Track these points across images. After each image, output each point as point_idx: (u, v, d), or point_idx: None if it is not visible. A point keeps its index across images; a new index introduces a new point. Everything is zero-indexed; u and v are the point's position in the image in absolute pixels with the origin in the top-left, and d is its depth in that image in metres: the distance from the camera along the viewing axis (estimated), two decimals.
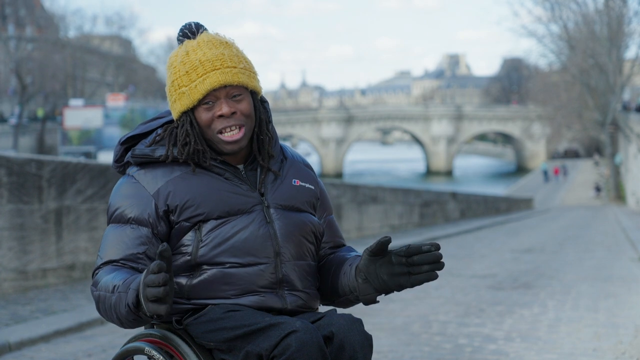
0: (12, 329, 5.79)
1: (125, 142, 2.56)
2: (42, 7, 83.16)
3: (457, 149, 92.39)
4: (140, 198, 2.43)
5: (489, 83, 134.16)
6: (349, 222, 16.86)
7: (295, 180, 2.57)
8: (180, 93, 2.44)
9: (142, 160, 2.48)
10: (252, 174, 2.52)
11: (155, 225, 2.42)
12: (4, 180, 7.23)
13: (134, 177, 2.47)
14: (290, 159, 2.62)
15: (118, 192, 2.48)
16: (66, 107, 67.48)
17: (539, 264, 11.91)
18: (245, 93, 2.46)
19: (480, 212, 30.09)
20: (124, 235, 2.41)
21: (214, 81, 2.41)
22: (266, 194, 2.50)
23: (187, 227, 2.42)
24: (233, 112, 2.43)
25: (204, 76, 2.41)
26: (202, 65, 2.42)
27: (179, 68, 2.45)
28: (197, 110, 2.44)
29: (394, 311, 7.29)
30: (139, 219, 2.42)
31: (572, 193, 55.64)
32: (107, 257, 2.40)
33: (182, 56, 2.45)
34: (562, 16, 53.13)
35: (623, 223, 24.13)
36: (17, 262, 7.41)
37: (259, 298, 2.41)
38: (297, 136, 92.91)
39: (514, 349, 5.65)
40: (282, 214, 2.49)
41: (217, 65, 2.42)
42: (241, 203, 2.45)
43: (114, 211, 2.46)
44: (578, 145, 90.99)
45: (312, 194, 2.60)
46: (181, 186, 2.44)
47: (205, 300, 2.41)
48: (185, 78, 2.43)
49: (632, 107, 51.85)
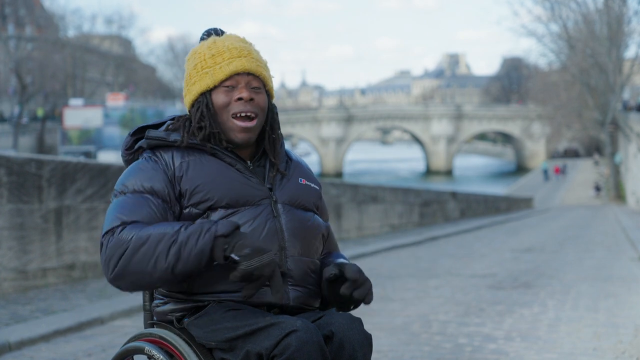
0: (12, 328, 5.79)
1: (135, 132, 2.59)
2: (41, 7, 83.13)
3: (457, 149, 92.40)
4: (158, 171, 2.44)
5: (489, 82, 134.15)
6: (349, 222, 16.86)
7: (302, 179, 2.62)
8: (203, 74, 2.49)
9: (156, 143, 2.51)
10: (259, 170, 2.55)
11: (173, 203, 2.42)
12: (3, 180, 7.23)
13: (151, 156, 2.48)
14: (295, 160, 2.67)
15: (135, 168, 2.46)
16: (66, 107, 67.47)
17: (539, 263, 11.91)
18: (263, 89, 2.53)
19: (480, 212, 30.10)
20: (148, 202, 2.38)
21: (240, 65, 2.47)
22: (274, 190, 2.53)
23: (195, 215, 2.42)
24: (251, 98, 2.48)
25: (230, 59, 2.48)
26: (229, 51, 2.49)
27: (204, 52, 2.51)
28: (215, 93, 2.49)
29: (393, 311, 7.29)
30: (161, 193, 2.41)
31: (572, 192, 55.65)
32: (133, 217, 2.34)
33: (210, 43, 2.53)
34: (562, 15, 53.19)
35: (623, 222, 24.12)
36: (17, 261, 7.41)
37: (263, 292, 2.41)
38: (297, 136, 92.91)
39: (514, 348, 5.65)
40: (289, 210, 2.52)
41: (244, 53, 2.50)
42: (250, 194, 2.47)
43: (128, 184, 2.42)
44: (578, 145, 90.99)
45: (317, 194, 2.65)
46: (194, 170, 2.45)
47: (209, 296, 2.41)
48: (211, 60, 2.49)
49: (632, 106, 51.83)
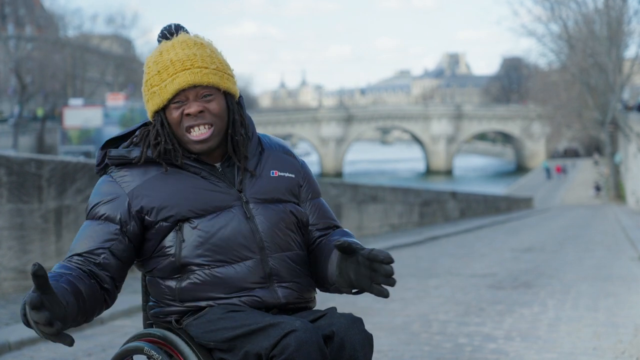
0: (12, 328, 5.79)
1: (105, 146, 2.58)
2: (41, 7, 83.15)
3: (456, 148, 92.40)
4: (114, 196, 2.45)
5: (489, 82, 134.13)
6: (349, 222, 16.86)
7: (274, 172, 2.56)
8: (152, 93, 2.46)
9: (118, 162, 2.50)
10: (229, 170, 2.52)
11: (125, 223, 2.43)
12: (3, 179, 7.22)
13: (111, 176, 2.50)
14: (267, 149, 2.61)
15: (96, 190, 2.51)
16: (66, 107, 67.45)
17: (538, 263, 11.91)
18: (216, 94, 2.46)
19: (480, 212, 30.10)
20: (93, 230, 2.44)
21: (183, 81, 2.42)
22: (244, 190, 2.49)
23: (167, 228, 2.43)
24: (200, 110, 2.43)
25: (174, 76, 2.42)
26: (173, 65, 2.43)
27: (152, 68, 2.47)
28: (168, 110, 2.46)
29: (394, 310, 7.29)
30: (110, 216, 2.44)
31: (572, 192, 55.65)
32: (74, 250, 2.42)
33: (156, 56, 2.48)
34: (562, 15, 53.20)
35: (623, 222, 24.12)
36: (16, 261, 7.40)
37: (251, 295, 2.41)
38: (296, 135, 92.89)
39: (513, 348, 5.65)
40: (262, 208, 2.48)
41: (187, 66, 2.43)
42: (219, 200, 2.45)
43: (90, 208, 2.48)
44: (578, 145, 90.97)
45: (292, 182, 2.59)
46: (157, 187, 2.45)
47: (197, 302, 2.42)
48: (157, 78, 2.45)
49: (632, 106, 51.83)
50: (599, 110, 51.05)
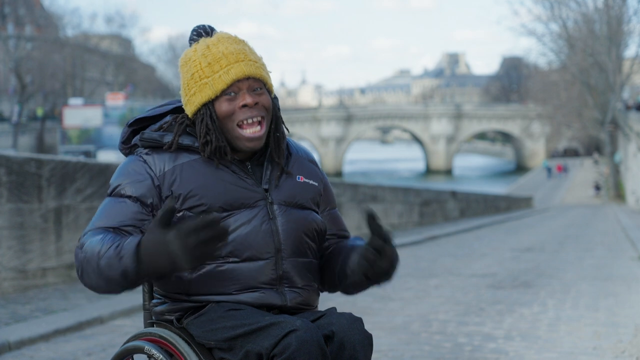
0: (12, 328, 5.78)
1: (132, 124, 2.56)
2: (41, 6, 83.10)
3: (456, 148, 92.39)
4: (145, 177, 2.42)
5: (489, 82, 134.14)
6: (349, 222, 16.84)
7: (300, 177, 2.57)
8: (202, 84, 2.43)
9: (150, 144, 2.48)
10: (257, 169, 2.51)
11: (155, 207, 2.40)
12: (3, 179, 7.22)
13: (142, 157, 2.47)
14: (294, 154, 2.61)
15: (124, 169, 2.46)
16: (65, 106, 67.42)
17: (538, 262, 11.91)
18: (264, 89, 2.48)
19: (479, 211, 30.09)
20: (122, 206, 2.39)
21: (239, 72, 2.42)
22: (270, 190, 2.49)
23: (189, 218, 2.39)
24: (256, 102, 2.44)
25: (228, 67, 2.42)
26: (226, 57, 2.43)
27: (200, 61, 2.44)
28: (217, 102, 2.43)
29: (394, 310, 7.28)
30: (141, 197, 2.40)
31: (571, 192, 55.67)
32: (99, 224, 2.36)
33: (203, 49, 2.45)
34: (562, 15, 53.21)
35: (623, 222, 24.12)
36: (16, 261, 7.40)
37: (259, 294, 2.41)
38: (296, 135, 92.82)
39: (513, 347, 5.65)
40: (285, 211, 2.48)
41: (241, 58, 2.43)
42: (245, 197, 2.44)
43: (116, 186, 2.43)
44: (578, 144, 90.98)
45: (315, 191, 2.59)
46: (187, 174, 2.43)
47: (205, 297, 2.40)
48: (208, 69, 2.43)
49: (631, 105, 51.84)
50: (598, 110, 51.06)
